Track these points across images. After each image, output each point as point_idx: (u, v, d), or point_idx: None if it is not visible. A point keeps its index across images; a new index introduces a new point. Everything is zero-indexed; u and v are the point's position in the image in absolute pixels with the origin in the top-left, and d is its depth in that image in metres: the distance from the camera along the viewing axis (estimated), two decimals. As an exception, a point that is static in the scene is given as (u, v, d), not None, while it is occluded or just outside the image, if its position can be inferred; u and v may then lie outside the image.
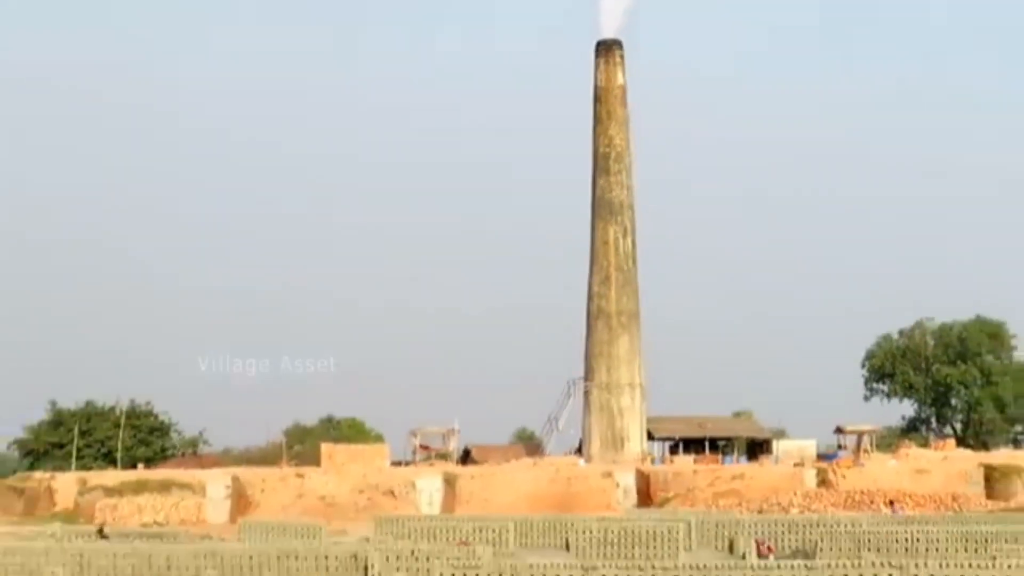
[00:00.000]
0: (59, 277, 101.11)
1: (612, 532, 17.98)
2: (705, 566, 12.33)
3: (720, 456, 45.03)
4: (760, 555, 17.18)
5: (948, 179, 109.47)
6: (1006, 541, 16.20)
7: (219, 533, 23.02)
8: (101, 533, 20.48)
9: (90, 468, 41.27)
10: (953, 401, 57.33)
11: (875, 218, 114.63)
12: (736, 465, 42.10)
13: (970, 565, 12.20)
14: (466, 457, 44.15)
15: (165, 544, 16.59)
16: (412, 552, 13.88)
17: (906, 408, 59.10)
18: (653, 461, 42.35)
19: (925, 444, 48.53)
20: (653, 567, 12.05)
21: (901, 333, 57.89)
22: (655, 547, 16.90)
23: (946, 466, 38.53)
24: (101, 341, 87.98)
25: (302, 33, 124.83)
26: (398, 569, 13.07)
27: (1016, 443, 56.89)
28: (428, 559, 13.29)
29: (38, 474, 37.93)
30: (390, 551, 14.05)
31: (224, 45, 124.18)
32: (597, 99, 44.98)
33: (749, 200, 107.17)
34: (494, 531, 19.87)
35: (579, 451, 44.13)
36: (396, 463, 40.66)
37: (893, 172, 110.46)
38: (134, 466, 41.09)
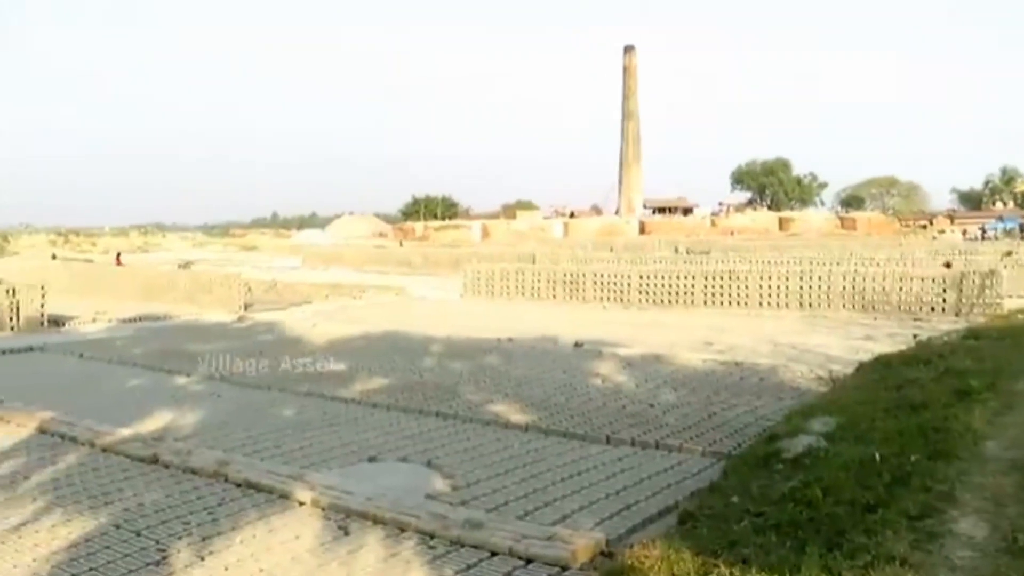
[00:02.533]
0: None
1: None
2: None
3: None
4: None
5: None
6: None
7: (477, 245, 69.88)
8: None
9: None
10: None
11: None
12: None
13: None
14: (572, 215, 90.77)
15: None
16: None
17: None
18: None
19: None
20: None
21: None
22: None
23: None
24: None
25: None
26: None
27: None
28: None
29: (409, 223, 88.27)
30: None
31: None
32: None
33: None
34: (582, 247, 65.18)
35: (616, 212, 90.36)
36: (546, 218, 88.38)
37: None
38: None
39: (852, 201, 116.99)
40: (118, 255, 48.80)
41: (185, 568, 5.59)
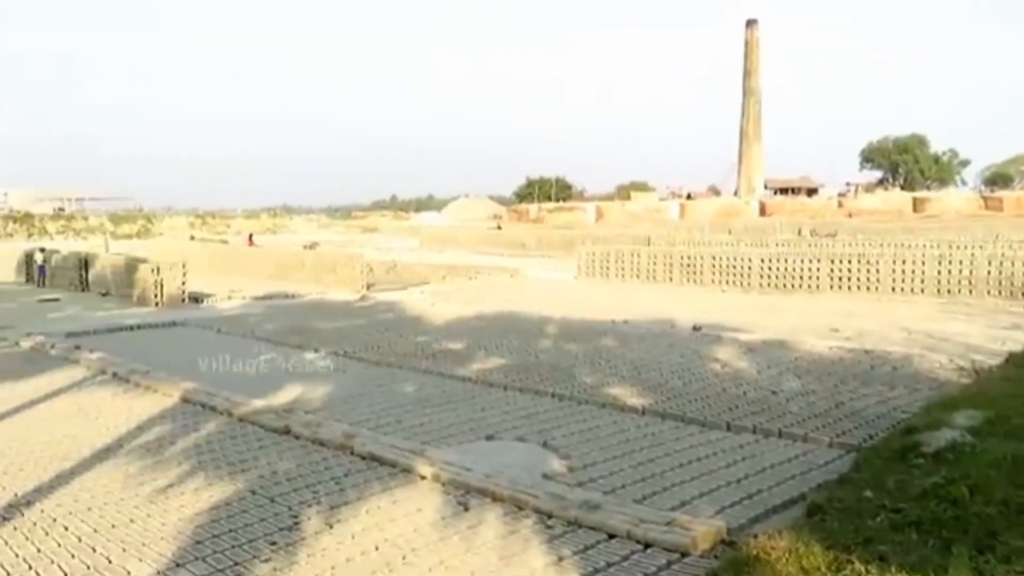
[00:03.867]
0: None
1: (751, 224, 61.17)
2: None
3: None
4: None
5: None
6: None
7: (591, 227, 69.36)
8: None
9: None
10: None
11: None
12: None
13: None
14: (688, 196, 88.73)
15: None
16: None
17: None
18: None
19: None
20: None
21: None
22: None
23: None
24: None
25: None
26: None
27: None
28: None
29: (523, 205, 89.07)
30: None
31: None
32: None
33: None
34: (699, 229, 63.72)
35: (735, 193, 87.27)
36: (661, 199, 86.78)
37: None
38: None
39: (998, 179, 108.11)
40: (250, 236, 51.59)
41: (315, 535, 5.85)
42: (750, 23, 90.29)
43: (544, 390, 10.78)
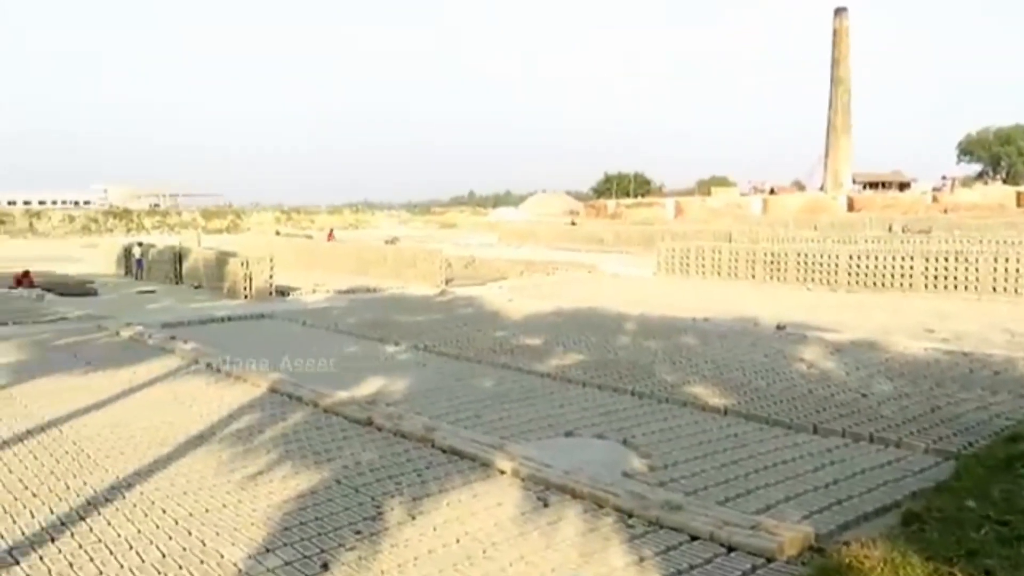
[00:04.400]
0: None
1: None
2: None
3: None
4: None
5: None
6: None
7: (669, 223, 68.36)
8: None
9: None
10: None
11: None
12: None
13: None
14: (771, 191, 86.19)
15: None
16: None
17: None
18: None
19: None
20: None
21: None
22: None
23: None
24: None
25: None
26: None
27: None
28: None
29: (601, 200, 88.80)
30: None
31: None
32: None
33: None
34: (783, 225, 61.97)
35: (821, 187, 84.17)
36: (743, 194, 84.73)
37: None
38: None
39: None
40: (330, 231, 53.05)
41: (398, 525, 5.94)
42: (839, 11, 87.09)
43: (623, 387, 10.67)
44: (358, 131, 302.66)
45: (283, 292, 23.10)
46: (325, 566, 5.24)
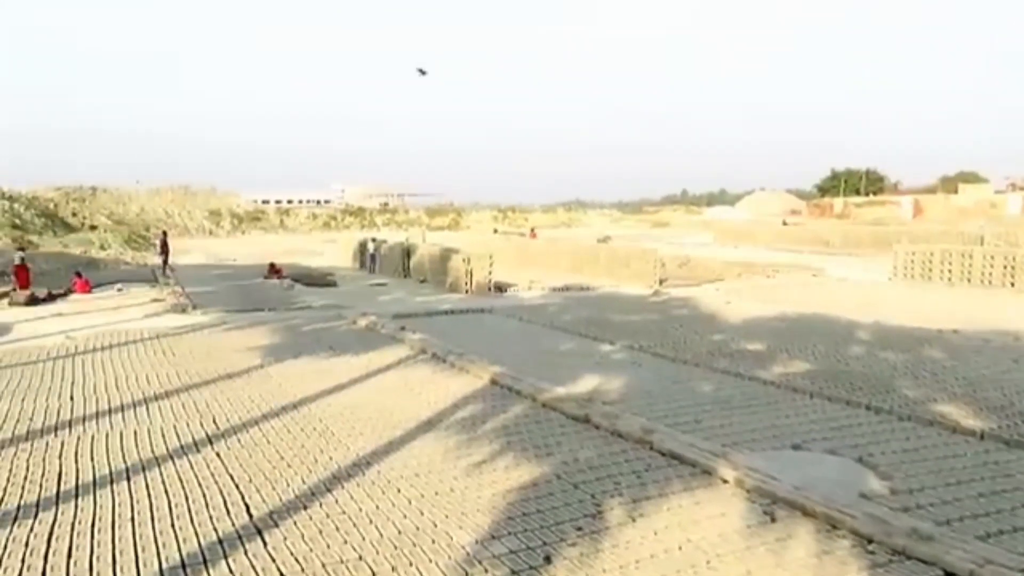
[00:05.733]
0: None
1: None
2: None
3: None
4: None
5: None
6: None
7: (906, 224, 62.15)
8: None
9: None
10: None
11: None
12: None
13: None
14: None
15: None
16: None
17: None
18: None
19: None
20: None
21: None
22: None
23: None
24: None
25: None
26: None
27: None
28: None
29: (826, 199, 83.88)
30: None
31: None
32: None
33: None
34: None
35: None
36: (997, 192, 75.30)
37: None
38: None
39: None
40: (532, 230, 54.77)
41: (619, 526, 5.91)
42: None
43: (857, 400, 9.87)
44: (570, 130, 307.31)
45: (501, 288, 23.94)
46: (548, 559, 5.33)
